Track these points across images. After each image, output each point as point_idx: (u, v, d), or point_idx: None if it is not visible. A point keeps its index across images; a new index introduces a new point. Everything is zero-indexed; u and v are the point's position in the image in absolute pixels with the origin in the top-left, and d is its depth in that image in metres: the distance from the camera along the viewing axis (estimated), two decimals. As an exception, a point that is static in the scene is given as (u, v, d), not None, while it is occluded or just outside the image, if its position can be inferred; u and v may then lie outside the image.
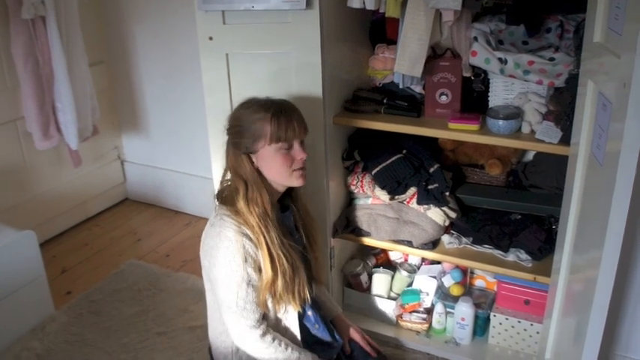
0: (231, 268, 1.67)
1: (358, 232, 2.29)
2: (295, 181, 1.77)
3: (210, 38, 2.06)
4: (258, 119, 1.67)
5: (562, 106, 1.84)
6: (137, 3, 3.23)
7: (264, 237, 1.69)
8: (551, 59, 1.83)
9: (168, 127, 3.48)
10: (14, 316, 2.43)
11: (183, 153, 3.45)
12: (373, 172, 2.22)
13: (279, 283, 1.71)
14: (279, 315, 1.80)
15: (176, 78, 3.27)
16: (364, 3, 1.93)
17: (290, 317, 1.82)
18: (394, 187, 2.19)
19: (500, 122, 1.89)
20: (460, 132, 1.97)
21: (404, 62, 1.95)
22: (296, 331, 1.83)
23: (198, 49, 2.10)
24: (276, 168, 1.72)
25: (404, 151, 2.24)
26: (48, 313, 2.59)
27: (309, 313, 1.89)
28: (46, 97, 2.82)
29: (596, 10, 1.51)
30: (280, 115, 1.68)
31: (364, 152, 2.30)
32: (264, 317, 1.76)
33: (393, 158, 2.21)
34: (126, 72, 3.46)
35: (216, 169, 2.27)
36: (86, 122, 3.00)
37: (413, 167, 2.17)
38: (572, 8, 1.89)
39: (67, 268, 3.05)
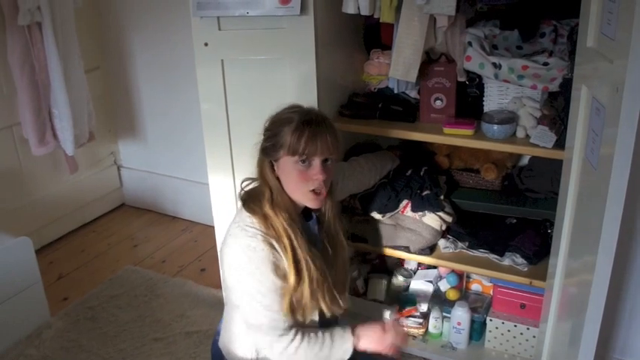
0: (257, 278, 1.58)
1: (354, 238, 2.29)
2: (309, 202, 1.64)
3: (206, 44, 2.06)
4: (284, 127, 1.57)
5: (556, 110, 1.85)
6: (133, 8, 3.23)
7: (291, 242, 1.59)
8: (545, 64, 1.84)
9: (164, 133, 3.48)
10: (10, 323, 2.42)
11: (180, 159, 3.45)
12: (358, 197, 2.23)
13: (306, 289, 1.61)
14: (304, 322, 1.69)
15: (172, 84, 3.28)
16: (359, 9, 1.94)
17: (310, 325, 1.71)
18: (382, 207, 2.20)
19: (495, 127, 1.90)
20: (455, 137, 1.98)
21: (399, 67, 1.96)
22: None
23: (194, 55, 2.10)
24: (293, 182, 1.61)
25: (390, 171, 2.24)
26: (44, 319, 2.58)
27: None
28: (42, 104, 2.82)
29: (589, 16, 1.51)
30: (305, 127, 1.56)
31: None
32: (292, 324, 1.64)
33: (378, 182, 2.21)
34: (122, 78, 3.46)
35: (213, 175, 2.28)
36: (82, 128, 3.00)
37: (396, 191, 2.17)
38: (566, 13, 1.90)
39: (63, 274, 3.04)
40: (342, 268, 1.80)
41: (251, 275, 1.58)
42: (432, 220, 2.16)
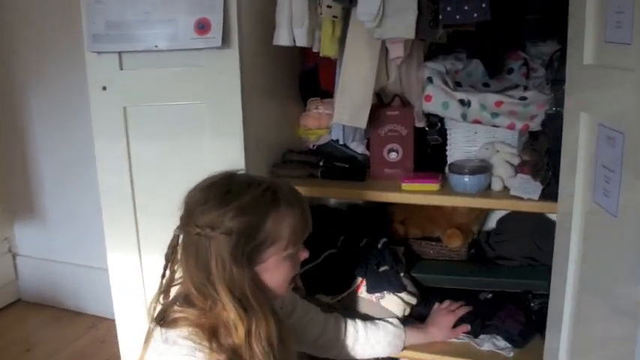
0: None
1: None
2: (286, 292, 1.30)
3: (104, 88, 1.65)
4: (276, 216, 1.17)
5: (539, 154, 1.53)
6: (29, 70, 2.81)
7: None
8: (523, 98, 1.53)
9: (67, 214, 2.99)
10: None
11: (85, 243, 2.93)
12: (299, 273, 1.80)
13: None
14: None
15: (76, 156, 2.82)
16: (294, 40, 1.59)
17: None
18: (330, 287, 1.79)
19: (467, 178, 1.55)
20: (417, 193, 1.61)
21: (345, 111, 1.60)
22: None
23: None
24: (279, 280, 1.23)
25: (341, 238, 1.85)
26: None
27: None
28: None
29: (583, 26, 1.21)
30: (306, 208, 1.24)
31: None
32: None
33: (325, 254, 1.81)
34: (18, 151, 2.99)
35: (113, 261, 1.85)
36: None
37: (348, 266, 1.79)
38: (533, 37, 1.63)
39: None
40: None
41: None
42: (393, 303, 1.74)
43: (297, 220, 1.20)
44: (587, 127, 1.24)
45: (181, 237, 1.20)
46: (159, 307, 1.23)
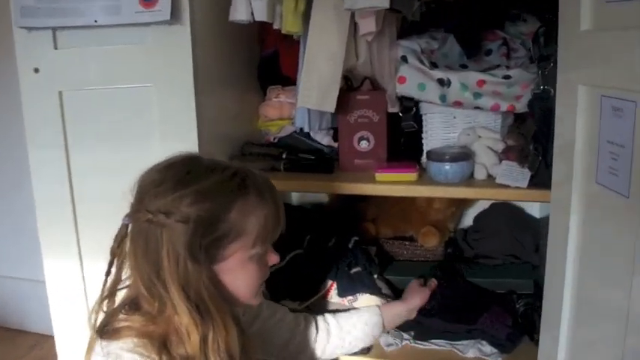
0: None
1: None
2: (255, 300, 1.09)
3: (36, 70, 1.45)
4: (243, 206, 0.99)
5: (525, 138, 1.39)
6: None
7: None
8: (507, 77, 1.38)
9: (10, 225, 2.73)
10: None
11: (25, 255, 2.69)
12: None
13: None
14: None
15: (16, 159, 2.57)
16: (252, 14, 1.42)
17: None
18: (297, 292, 1.62)
19: (448, 166, 1.39)
20: (392, 184, 1.45)
21: (311, 93, 1.43)
22: None
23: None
24: (244, 284, 1.04)
25: (307, 238, 1.69)
26: None
27: None
28: None
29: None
30: (279, 201, 1.06)
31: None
32: None
33: (290, 256, 1.64)
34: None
35: (50, 271, 1.64)
36: None
37: (315, 268, 1.64)
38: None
39: None
40: None
41: None
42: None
43: (267, 214, 1.02)
44: (586, 101, 1.10)
45: (130, 226, 1.00)
46: (102, 316, 1.03)
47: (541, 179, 1.32)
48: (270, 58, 1.81)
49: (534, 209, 1.89)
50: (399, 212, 1.85)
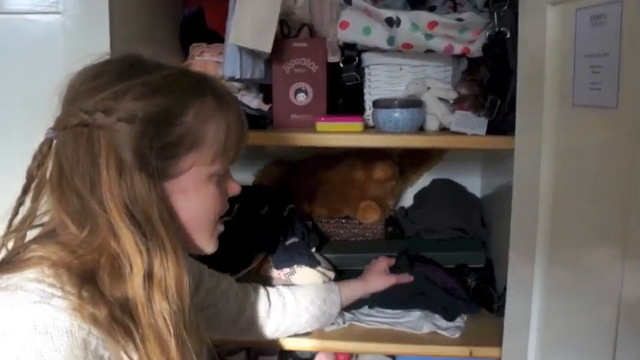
0: None
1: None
2: (210, 243, 0.90)
3: None
4: (201, 108, 0.80)
5: (480, 85, 1.27)
6: None
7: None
8: (459, 20, 1.26)
9: None
10: None
11: None
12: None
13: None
14: None
15: None
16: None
17: None
18: (226, 264, 1.40)
19: (397, 113, 1.25)
20: (336, 134, 1.28)
21: (245, 29, 1.24)
22: None
23: None
24: (198, 211, 0.84)
25: (236, 206, 1.49)
26: None
27: None
28: None
29: None
30: (241, 110, 0.89)
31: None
32: None
33: None
34: None
35: None
36: None
37: (245, 239, 1.42)
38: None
39: None
40: None
41: None
42: (308, 277, 1.39)
43: (230, 123, 0.83)
44: (557, 21, 1.00)
45: (56, 141, 0.77)
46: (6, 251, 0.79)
47: (500, 125, 1.20)
48: (193, 17, 1.63)
49: (476, 187, 1.78)
50: (335, 190, 1.70)
